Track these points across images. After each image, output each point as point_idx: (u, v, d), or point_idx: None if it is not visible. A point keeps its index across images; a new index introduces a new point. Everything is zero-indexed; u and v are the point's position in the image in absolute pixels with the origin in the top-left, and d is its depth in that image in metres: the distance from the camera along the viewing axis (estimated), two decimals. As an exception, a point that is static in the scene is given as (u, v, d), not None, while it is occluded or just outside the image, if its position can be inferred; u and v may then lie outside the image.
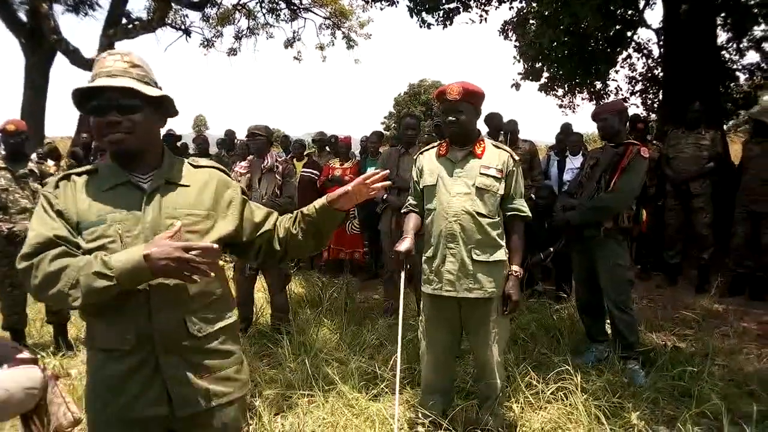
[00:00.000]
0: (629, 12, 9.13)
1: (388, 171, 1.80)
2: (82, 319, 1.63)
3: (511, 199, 2.79)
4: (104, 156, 8.26)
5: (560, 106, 12.73)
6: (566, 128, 7.13)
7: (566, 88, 11.38)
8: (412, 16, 8.78)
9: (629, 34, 9.79)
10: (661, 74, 10.71)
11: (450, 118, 2.73)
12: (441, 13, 9.03)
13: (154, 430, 1.57)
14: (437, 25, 9.11)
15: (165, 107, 1.65)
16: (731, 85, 10.39)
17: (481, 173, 2.72)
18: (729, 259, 5.65)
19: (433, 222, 2.81)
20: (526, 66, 10.52)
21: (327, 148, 7.88)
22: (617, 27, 9.26)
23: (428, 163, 2.89)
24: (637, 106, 11.73)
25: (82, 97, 1.53)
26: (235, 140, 9.11)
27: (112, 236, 1.49)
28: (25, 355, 2.38)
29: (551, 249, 3.98)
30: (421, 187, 2.92)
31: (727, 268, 5.66)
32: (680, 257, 5.95)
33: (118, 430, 1.55)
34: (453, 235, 2.71)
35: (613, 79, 11.55)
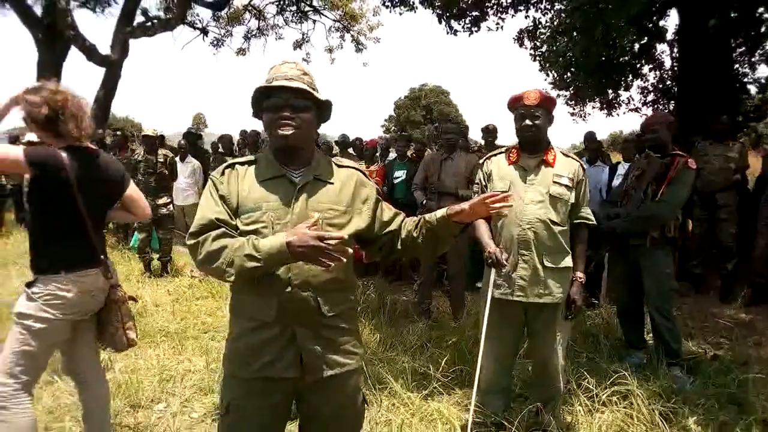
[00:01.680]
0: (653, 24, 9.27)
1: (511, 193, 1.89)
2: (231, 291, 1.85)
3: (579, 208, 2.85)
4: (124, 151, 8.32)
5: (572, 115, 12.90)
6: (590, 136, 7.23)
7: (582, 97, 11.51)
8: (440, 23, 8.88)
9: (656, 45, 9.94)
10: (672, 85, 10.86)
11: (527, 122, 2.78)
12: (468, 20, 9.14)
13: (282, 389, 1.79)
14: (464, 31, 9.24)
15: (323, 112, 1.86)
16: (743, 97, 10.55)
17: (554, 182, 2.78)
18: (752, 270, 5.76)
19: (503, 228, 2.84)
20: (555, 76, 10.64)
21: (350, 150, 7.94)
22: (645, 38, 9.40)
23: (497, 169, 2.94)
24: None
25: (257, 98, 1.78)
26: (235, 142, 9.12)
27: (265, 222, 1.71)
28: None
29: (591, 255, 4.04)
30: (489, 192, 2.96)
31: (750, 278, 5.76)
32: (703, 267, 6.05)
33: (255, 388, 1.77)
34: (527, 242, 2.76)
35: (628, 90, 11.72)
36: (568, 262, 2.80)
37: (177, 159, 7.64)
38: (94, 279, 2.48)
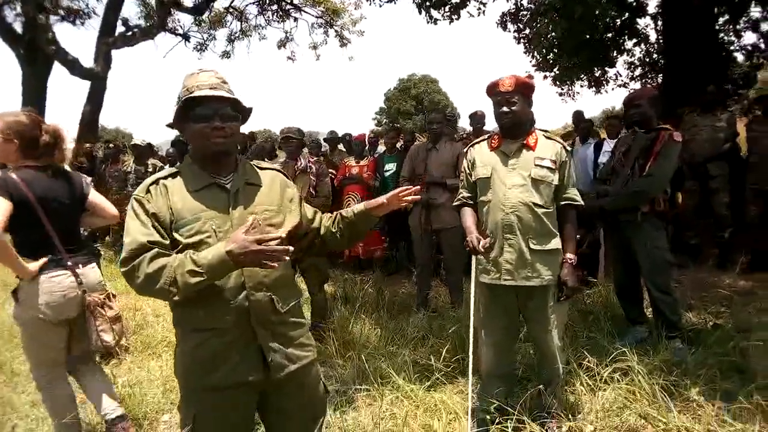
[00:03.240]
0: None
1: (418, 187, 2.10)
2: (175, 305, 1.81)
3: (564, 189, 2.84)
4: (115, 164, 8.28)
5: (560, 95, 12.86)
6: (578, 116, 7.23)
7: (568, 77, 11.47)
8: (420, 13, 8.82)
9: (637, 20, 9.90)
10: (658, 58, 10.83)
11: (503, 109, 2.78)
12: (447, 7, 9.07)
13: (248, 393, 1.82)
14: (444, 19, 9.17)
15: (243, 117, 1.89)
16: (730, 66, 10.53)
17: (536, 165, 2.77)
18: (747, 237, 5.77)
19: (488, 213, 2.85)
20: (538, 58, 10.60)
21: (339, 146, 7.91)
22: (626, 14, 9.36)
23: (480, 155, 2.94)
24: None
25: (181, 109, 1.76)
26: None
27: (207, 232, 1.72)
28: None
29: (584, 234, 4.05)
30: (473, 179, 2.96)
31: (745, 245, 5.77)
32: (699, 237, 6.05)
33: (219, 396, 1.78)
34: (511, 226, 2.76)
35: (613, 66, 11.68)
36: (555, 243, 2.80)
37: (167, 167, 7.61)
38: (63, 279, 2.72)
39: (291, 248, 1.64)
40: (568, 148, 2.89)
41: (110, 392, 3.05)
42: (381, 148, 7.17)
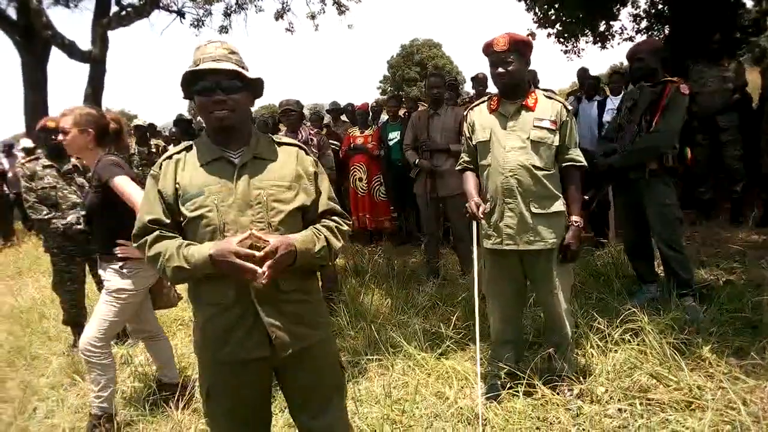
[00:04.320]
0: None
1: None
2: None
3: (566, 150, 2.77)
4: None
5: (565, 53, 12.57)
6: (583, 73, 7.08)
7: (571, 32, 11.20)
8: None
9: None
10: (664, 8, 10.53)
11: (499, 69, 2.69)
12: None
13: (258, 368, 1.82)
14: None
15: (255, 89, 1.85)
16: (739, 13, 10.20)
17: (534, 126, 2.70)
18: (761, 189, 5.67)
19: (488, 177, 2.80)
20: (539, 14, 10.34)
21: (342, 117, 7.82)
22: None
23: (479, 118, 2.87)
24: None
25: (187, 81, 1.74)
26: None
27: (209, 206, 1.72)
28: None
29: (594, 193, 3.99)
30: (473, 143, 2.90)
31: (759, 198, 5.68)
32: (712, 192, 5.96)
33: (230, 371, 1.80)
34: (510, 190, 2.71)
35: (617, 19, 11.37)
36: (558, 206, 2.75)
37: (170, 147, 7.58)
38: None
39: (263, 271, 1.61)
40: (569, 107, 2.81)
41: (173, 360, 3.41)
42: (385, 117, 7.08)
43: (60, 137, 2.86)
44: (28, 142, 9.30)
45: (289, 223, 1.78)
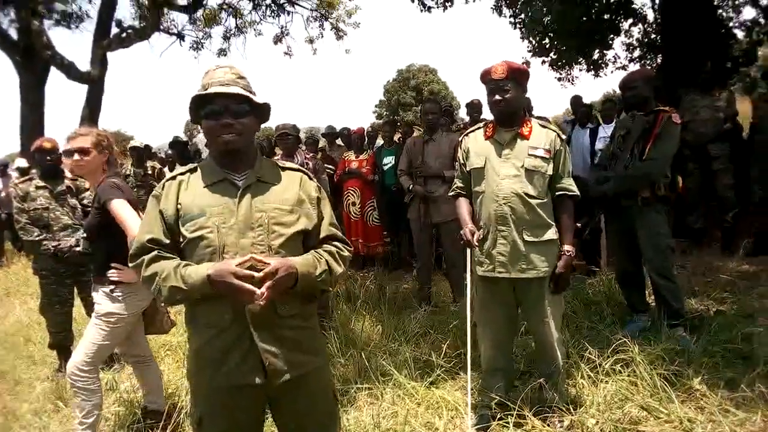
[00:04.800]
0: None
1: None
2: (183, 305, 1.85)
3: (559, 179, 2.79)
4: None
5: (559, 80, 12.72)
6: (576, 101, 7.15)
7: (566, 61, 11.36)
8: (413, 1, 8.73)
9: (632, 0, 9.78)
10: (657, 38, 10.70)
11: (496, 97, 2.72)
12: (441, -5, 8.99)
13: (251, 396, 1.79)
14: (437, 7, 9.08)
15: (262, 114, 1.85)
16: (730, 43, 10.38)
17: (529, 154, 2.72)
18: (752, 219, 5.70)
19: (482, 204, 2.81)
20: (534, 43, 10.49)
21: (338, 141, 7.86)
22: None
23: (474, 145, 2.89)
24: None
25: (195, 105, 1.78)
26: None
27: (210, 227, 1.72)
28: None
29: (587, 221, 4.01)
30: (467, 169, 2.91)
31: (750, 228, 5.70)
32: (703, 220, 5.98)
33: (224, 395, 1.77)
34: (504, 218, 2.72)
35: (611, 48, 11.55)
36: (551, 235, 2.75)
37: (166, 169, 7.60)
38: None
39: (262, 292, 1.61)
40: (563, 137, 2.83)
41: (162, 388, 3.35)
42: (380, 142, 7.11)
43: (76, 157, 2.83)
44: (22, 162, 9.29)
45: (290, 246, 1.78)
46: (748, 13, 13.62)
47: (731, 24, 10.21)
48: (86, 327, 2.99)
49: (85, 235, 3.15)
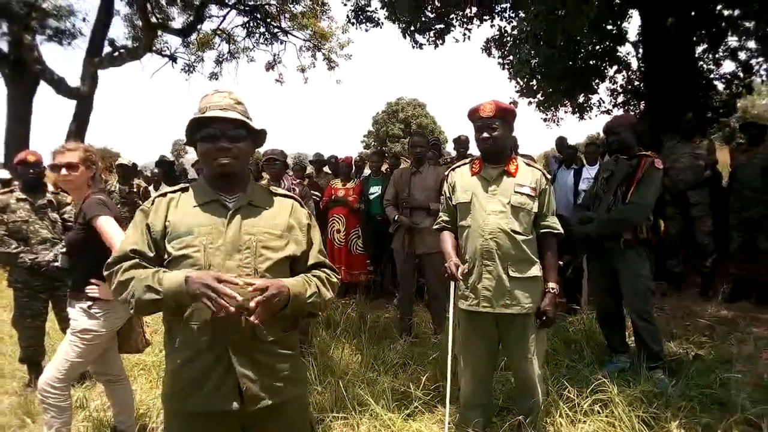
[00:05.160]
0: (615, 27, 9.41)
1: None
2: (163, 324, 1.82)
3: (543, 217, 2.83)
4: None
5: (544, 120, 12.99)
6: (561, 142, 7.29)
7: (552, 103, 11.61)
8: (405, 37, 8.90)
9: (618, 48, 10.08)
10: (640, 86, 11.01)
11: (484, 134, 2.77)
12: (432, 33, 9.17)
13: (226, 423, 1.75)
14: (429, 44, 9.26)
15: (257, 139, 1.87)
16: (710, 94, 10.72)
17: (515, 191, 2.76)
18: (730, 265, 5.79)
19: (468, 239, 2.84)
20: (521, 84, 10.72)
21: (325, 169, 7.89)
22: (607, 42, 9.52)
23: (461, 180, 2.93)
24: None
25: (192, 127, 1.78)
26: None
27: (197, 246, 1.70)
28: None
29: (570, 260, 4.04)
30: (454, 203, 2.95)
31: (728, 274, 5.79)
32: (682, 265, 6.06)
33: (198, 422, 1.73)
34: (490, 252, 2.74)
35: (596, 93, 11.85)
36: (535, 271, 2.78)
37: (151, 188, 7.55)
38: None
39: (253, 308, 1.58)
40: (548, 176, 2.88)
41: (133, 408, 3.30)
42: (368, 171, 7.16)
43: (63, 172, 2.81)
44: (5, 174, 9.17)
45: (277, 270, 1.77)
46: (728, 66, 14.12)
47: (712, 76, 10.55)
48: (59, 343, 2.94)
49: (64, 249, 3.09)
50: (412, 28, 8.81)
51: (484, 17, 9.88)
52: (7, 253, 3.94)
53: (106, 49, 12.95)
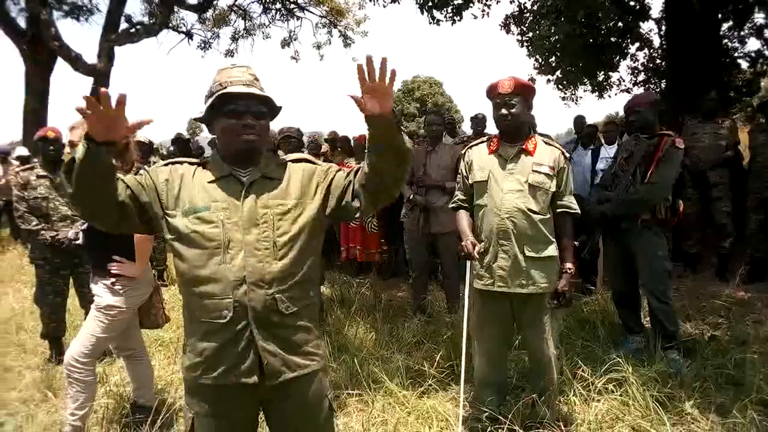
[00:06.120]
0: (637, 2, 9.19)
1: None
2: (182, 296, 1.78)
3: (561, 196, 2.80)
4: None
5: (563, 99, 12.80)
6: (580, 121, 7.18)
7: (570, 81, 11.44)
8: (422, 13, 8.75)
9: (640, 24, 9.86)
10: (662, 64, 10.79)
11: (503, 111, 2.74)
12: (450, 8, 9.02)
13: (246, 397, 1.76)
14: (446, 21, 9.11)
15: (273, 116, 1.84)
16: (734, 73, 10.48)
17: (533, 170, 2.74)
18: (747, 246, 5.73)
19: (484, 218, 2.82)
20: (540, 61, 10.56)
21: (339, 147, 7.86)
22: (629, 18, 9.29)
23: (478, 158, 2.90)
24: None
25: (215, 102, 1.72)
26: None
27: (214, 221, 1.69)
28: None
29: (585, 240, 4.02)
30: (470, 182, 2.93)
31: (745, 255, 5.73)
32: (700, 246, 6.00)
33: (216, 394, 1.75)
34: (506, 232, 2.73)
35: (616, 71, 11.64)
36: (551, 251, 2.76)
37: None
38: (149, 268, 3.14)
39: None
40: (567, 155, 2.85)
41: (152, 384, 3.39)
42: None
43: (67, 150, 2.88)
44: (24, 150, 9.28)
45: (298, 241, 1.74)
46: (753, 44, 13.78)
47: (736, 54, 10.30)
48: (79, 319, 3.00)
49: (84, 227, 3.12)
50: (430, 3, 8.64)
51: (503, -7, 9.68)
52: (28, 229, 4.01)
53: (123, 25, 12.96)
